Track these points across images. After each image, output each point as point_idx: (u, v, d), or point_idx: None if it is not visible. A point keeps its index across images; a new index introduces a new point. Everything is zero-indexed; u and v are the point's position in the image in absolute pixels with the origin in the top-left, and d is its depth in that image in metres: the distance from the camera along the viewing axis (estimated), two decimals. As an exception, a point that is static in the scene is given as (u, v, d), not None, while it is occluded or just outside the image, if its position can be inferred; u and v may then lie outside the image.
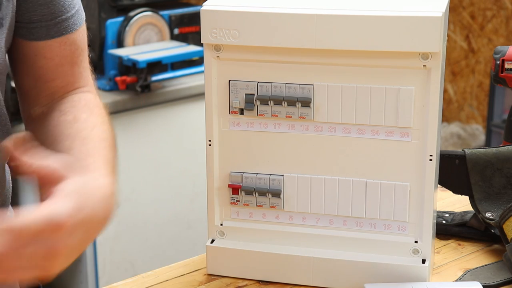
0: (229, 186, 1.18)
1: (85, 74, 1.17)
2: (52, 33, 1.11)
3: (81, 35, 1.15)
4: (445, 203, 1.40)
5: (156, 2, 2.76)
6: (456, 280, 1.18)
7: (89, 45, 1.19)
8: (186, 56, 2.61)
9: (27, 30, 1.10)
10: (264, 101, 1.13)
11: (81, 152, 1.02)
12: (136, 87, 2.51)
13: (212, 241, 1.21)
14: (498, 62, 1.33)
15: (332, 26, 1.08)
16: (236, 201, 1.18)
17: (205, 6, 1.12)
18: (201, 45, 1.15)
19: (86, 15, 1.23)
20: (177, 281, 1.20)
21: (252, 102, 1.14)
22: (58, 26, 1.11)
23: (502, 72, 1.33)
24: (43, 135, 1.10)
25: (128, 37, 2.61)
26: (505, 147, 1.27)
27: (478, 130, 3.62)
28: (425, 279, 1.14)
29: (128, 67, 2.52)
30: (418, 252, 1.14)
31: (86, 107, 1.13)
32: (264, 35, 1.10)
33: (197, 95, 2.65)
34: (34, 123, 1.15)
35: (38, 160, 0.92)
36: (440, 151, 1.21)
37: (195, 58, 2.65)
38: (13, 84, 1.51)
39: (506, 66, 1.33)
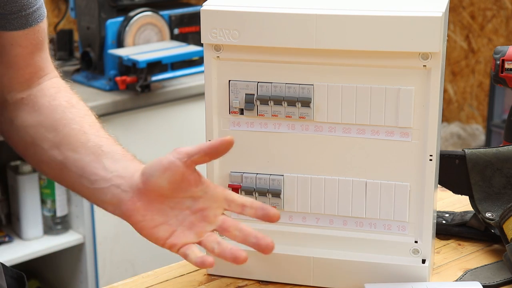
0: (229, 186, 1.18)
1: (50, 59, 1.23)
2: (30, 22, 1.15)
3: (45, 23, 1.21)
4: (445, 203, 1.40)
5: (156, 2, 2.76)
6: (456, 280, 1.18)
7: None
8: (186, 56, 2.61)
9: (7, 20, 1.14)
10: (264, 101, 1.13)
11: (101, 138, 1.11)
12: (136, 87, 2.51)
13: (212, 241, 1.20)
14: (498, 62, 1.33)
15: (332, 26, 1.08)
16: (236, 201, 1.18)
17: (205, 6, 1.12)
18: (201, 45, 1.15)
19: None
20: (177, 281, 1.20)
21: (252, 102, 1.14)
22: (33, 15, 1.15)
23: (502, 72, 1.33)
24: (36, 119, 1.15)
25: (128, 37, 2.61)
26: (505, 147, 1.27)
27: (478, 130, 3.62)
28: (425, 279, 1.14)
29: (128, 67, 2.52)
30: (418, 252, 1.14)
31: (68, 93, 1.20)
32: (264, 35, 1.10)
33: (197, 95, 2.65)
34: (15, 109, 1.19)
35: None
36: (440, 151, 1.21)
37: (195, 58, 2.65)
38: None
39: (506, 66, 1.33)
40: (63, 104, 1.16)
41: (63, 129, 1.13)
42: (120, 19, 2.60)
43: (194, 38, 2.77)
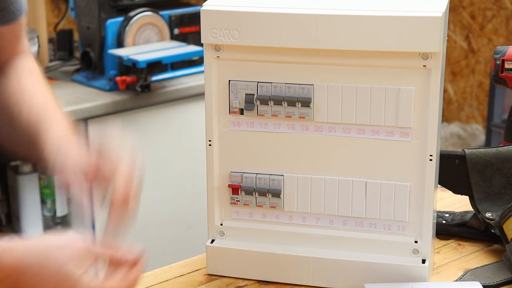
0: (229, 186, 1.18)
1: (25, 40, 1.27)
2: (16, 16, 1.19)
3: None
4: (445, 203, 1.40)
5: (156, 2, 2.76)
6: (456, 280, 1.18)
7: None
8: (186, 56, 2.61)
9: None
10: (264, 101, 1.13)
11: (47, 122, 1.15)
12: (136, 87, 2.51)
13: (212, 241, 1.21)
14: (498, 62, 1.33)
15: (332, 26, 1.08)
16: (236, 201, 1.18)
17: (205, 6, 1.12)
18: (201, 45, 1.15)
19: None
20: (177, 281, 1.20)
21: (252, 102, 1.14)
22: (19, 9, 1.19)
23: (502, 72, 1.33)
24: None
25: (128, 37, 2.61)
26: (505, 147, 1.27)
27: (478, 130, 3.62)
28: (425, 279, 1.14)
29: (128, 67, 2.52)
30: (418, 252, 1.14)
31: (29, 76, 1.23)
32: (264, 35, 1.10)
33: (197, 95, 2.65)
34: None
35: None
36: (440, 151, 1.21)
37: (195, 58, 2.65)
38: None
39: (506, 66, 1.33)
40: (16, 87, 1.19)
41: (13, 110, 1.17)
42: (120, 19, 2.60)
43: (194, 38, 2.77)
